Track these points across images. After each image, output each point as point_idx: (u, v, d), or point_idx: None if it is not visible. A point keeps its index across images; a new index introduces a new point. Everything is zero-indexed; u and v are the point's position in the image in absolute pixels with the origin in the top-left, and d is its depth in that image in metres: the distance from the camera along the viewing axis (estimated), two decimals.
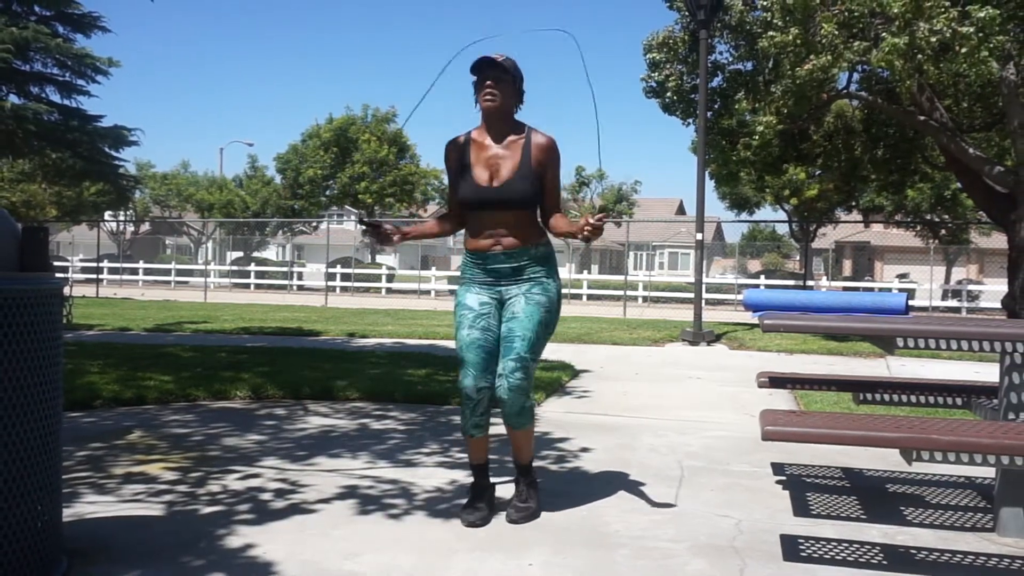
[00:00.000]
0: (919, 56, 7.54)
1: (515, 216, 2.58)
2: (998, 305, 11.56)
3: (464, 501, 2.70)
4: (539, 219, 2.69)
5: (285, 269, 26.47)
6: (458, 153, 2.65)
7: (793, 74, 8.49)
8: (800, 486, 3.06)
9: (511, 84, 2.58)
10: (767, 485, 3.06)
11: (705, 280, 12.06)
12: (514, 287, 2.61)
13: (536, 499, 2.68)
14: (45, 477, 1.95)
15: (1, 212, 2.01)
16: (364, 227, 2.67)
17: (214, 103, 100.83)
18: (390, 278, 24.67)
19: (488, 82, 2.54)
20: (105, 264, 26.05)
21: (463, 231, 2.74)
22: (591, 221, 2.37)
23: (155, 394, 4.64)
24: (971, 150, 9.02)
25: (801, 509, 2.76)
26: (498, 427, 2.68)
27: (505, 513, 2.63)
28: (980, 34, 7.20)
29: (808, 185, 18.87)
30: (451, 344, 8.17)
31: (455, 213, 2.75)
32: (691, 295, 11.68)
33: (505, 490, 2.81)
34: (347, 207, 28.56)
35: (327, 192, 27.32)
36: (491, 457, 2.78)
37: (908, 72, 7.65)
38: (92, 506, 2.65)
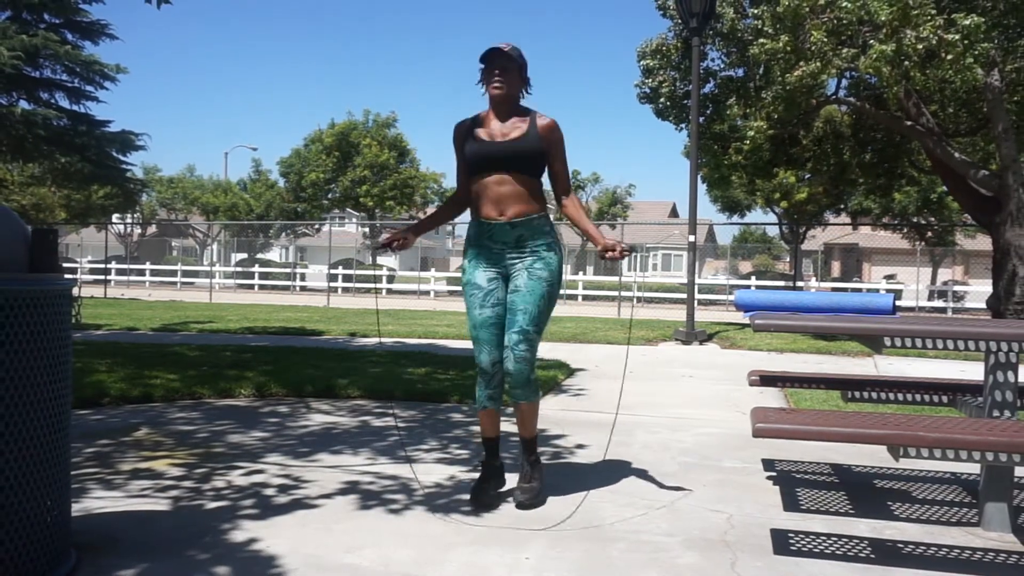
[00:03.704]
0: (906, 63, 7.66)
1: (518, 184, 2.67)
2: (983, 305, 11.72)
3: (466, 496, 2.76)
4: (550, 201, 2.83)
5: (288, 270, 26.75)
6: (465, 131, 2.76)
7: (783, 80, 8.59)
8: (790, 482, 3.11)
9: (517, 72, 2.70)
10: (758, 481, 3.11)
11: (697, 281, 12.16)
12: (518, 261, 2.71)
13: (540, 478, 2.78)
14: (55, 473, 1.98)
15: (11, 215, 2.03)
16: (382, 247, 2.77)
17: (219, 108, 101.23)
18: (390, 279, 24.78)
19: (496, 70, 2.66)
20: (113, 265, 26.15)
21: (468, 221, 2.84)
22: (622, 250, 2.56)
23: (161, 392, 4.67)
24: (956, 154, 9.15)
25: (791, 504, 2.81)
26: (501, 424, 2.73)
27: (512, 496, 2.73)
28: (965, 41, 7.32)
29: (798, 188, 19.04)
30: (450, 344, 8.29)
31: (462, 193, 2.84)
32: (684, 296, 11.75)
33: (509, 484, 2.87)
34: (348, 210, 28.90)
35: (329, 195, 27.70)
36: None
37: (895, 78, 7.76)
38: (100, 501, 2.68)
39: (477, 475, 2.92)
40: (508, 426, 3.52)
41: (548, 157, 2.73)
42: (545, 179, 2.83)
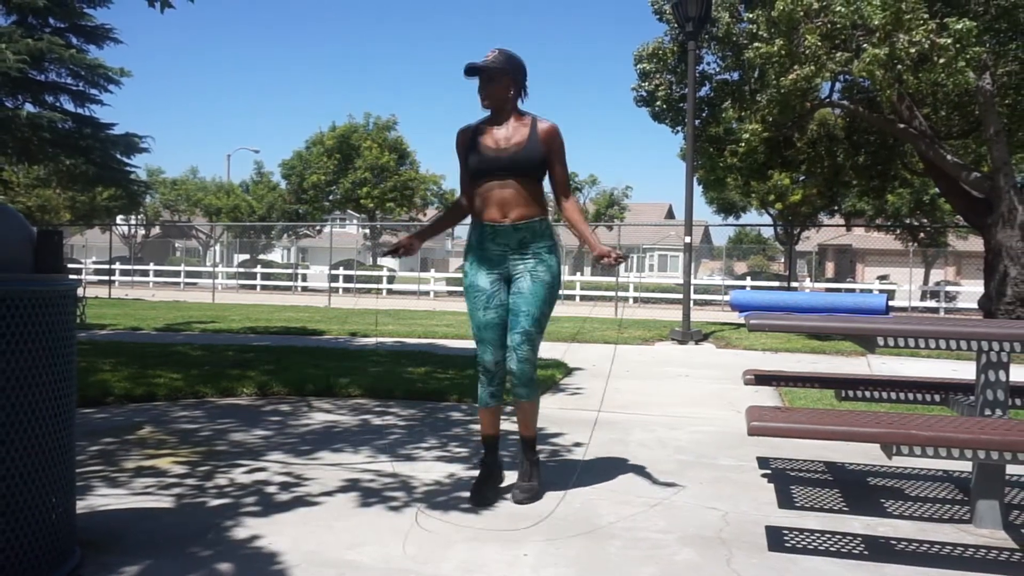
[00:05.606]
0: (899, 66, 7.72)
1: (521, 188, 2.72)
2: (975, 305, 11.79)
3: (465, 494, 2.79)
4: (550, 203, 2.87)
5: (290, 271, 26.89)
6: (468, 137, 2.81)
7: (778, 84, 8.66)
8: (785, 479, 3.15)
9: (504, 78, 2.72)
10: (753, 478, 3.15)
11: (693, 281, 12.21)
12: (520, 263, 2.76)
13: (539, 477, 2.85)
14: (59, 471, 1.99)
15: (17, 216, 2.04)
16: (389, 254, 2.75)
17: (221, 111, 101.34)
18: (391, 279, 24.85)
19: (480, 84, 2.73)
20: (117, 266, 26.24)
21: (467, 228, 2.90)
22: (616, 257, 2.61)
23: (165, 391, 4.69)
24: (949, 157, 9.23)
25: (786, 501, 2.84)
26: (501, 423, 2.76)
27: (511, 494, 2.78)
28: (957, 45, 7.39)
29: (792, 190, 19.13)
30: (449, 343, 8.32)
31: (466, 198, 2.88)
32: (680, 296, 11.78)
33: (509, 482, 2.89)
34: (349, 211, 29.12)
35: (330, 197, 27.96)
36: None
37: (888, 82, 7.83)
38: (104, 499, 2.70)
39: (476, 473, 2.96)
40: (508, 425, 3.55)
41: (549, 162, 2.76)
42: (546, 181, 2.87)
